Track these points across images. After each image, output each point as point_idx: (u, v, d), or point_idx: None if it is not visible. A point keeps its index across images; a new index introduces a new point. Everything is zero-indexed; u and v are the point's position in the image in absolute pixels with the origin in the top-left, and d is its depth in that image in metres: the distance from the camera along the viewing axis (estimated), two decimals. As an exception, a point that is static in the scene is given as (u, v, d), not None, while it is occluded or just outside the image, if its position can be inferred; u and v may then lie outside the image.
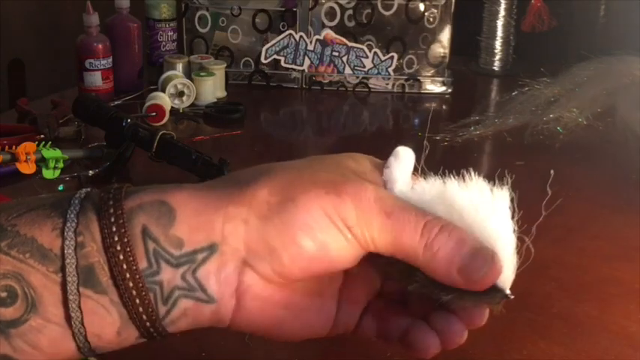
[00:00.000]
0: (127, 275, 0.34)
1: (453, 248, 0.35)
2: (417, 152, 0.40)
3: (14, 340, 0.34)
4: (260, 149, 1.07)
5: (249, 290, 0.36)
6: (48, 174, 0.85)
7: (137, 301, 0.34)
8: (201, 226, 0.35)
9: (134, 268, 0.34)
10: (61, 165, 0.86)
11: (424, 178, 0.39)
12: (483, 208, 0.37)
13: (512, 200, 0.38)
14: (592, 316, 0.61)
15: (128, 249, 0.34)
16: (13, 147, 0.86)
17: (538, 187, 0.42)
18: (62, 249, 0.34)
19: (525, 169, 0.94)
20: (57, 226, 0.35)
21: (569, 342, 0.57)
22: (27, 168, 0.84)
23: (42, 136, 0.95)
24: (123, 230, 0.34)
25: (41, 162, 0.85)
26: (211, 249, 0.35)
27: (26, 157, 0.84)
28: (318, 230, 0.35)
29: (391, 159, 0.39)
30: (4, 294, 0.34)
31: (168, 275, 0.35)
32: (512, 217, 0.37)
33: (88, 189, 0.37)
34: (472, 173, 0.38)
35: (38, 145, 0.86)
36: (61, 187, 0.84)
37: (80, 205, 0.36)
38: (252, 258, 0.36)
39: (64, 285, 0.34)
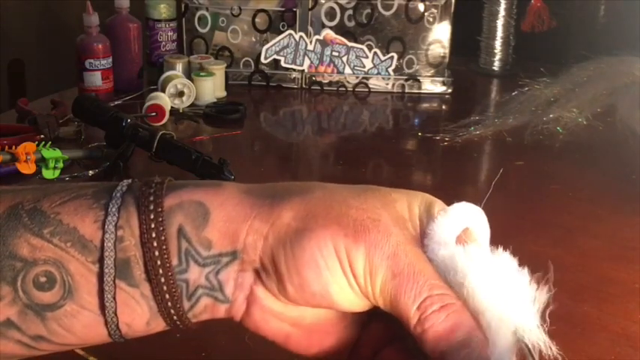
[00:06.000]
0: (160, 271, 0.35)
1: (444, 330, 0.34)
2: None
3: (49, 322, 0.36)
4: (260, 149, 1.07)
5: (257, 301, 0.37)
6: (48, 174, 0.85)
7: (167, 296, 0.35)
8: (229, 233, 0.36)
9: (167, 265, 0.35)
10: (61, 165, 0.86)
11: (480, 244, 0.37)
12: (509, 297, 0.35)
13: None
14: (592, 316, 0.61)
15: (164, 247, 0.35)
16: (13, 147, 0.85)
17: (538, 187, 0.42)
18: (102, 241, 0.35)
19: (525, 169, 0.95)
20: (99, 218, 0.36)
21: (569, 342, 0.57)
22: (27, 168, 0.84)
23: (42, 136, 0.95)
24: (161, 228, 0.35)
25: (41, 162, 0.85)
26: (234, 255, 0.36)
27: (26, 157, 0.84)
28: (324, 269, 0.35)
29: (441, 212, 0.36)
30: (43, 279, 0.35)
31: (195, 274, 0.36)
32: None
33: (130, 180, 0.38)
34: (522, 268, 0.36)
35: (38, 145, 0.86)
36: (61, 187, 0.84)
37: (122, 198, 0.36)
38: (263, 273, 0.36)
39: (100, 276, 0.35)
